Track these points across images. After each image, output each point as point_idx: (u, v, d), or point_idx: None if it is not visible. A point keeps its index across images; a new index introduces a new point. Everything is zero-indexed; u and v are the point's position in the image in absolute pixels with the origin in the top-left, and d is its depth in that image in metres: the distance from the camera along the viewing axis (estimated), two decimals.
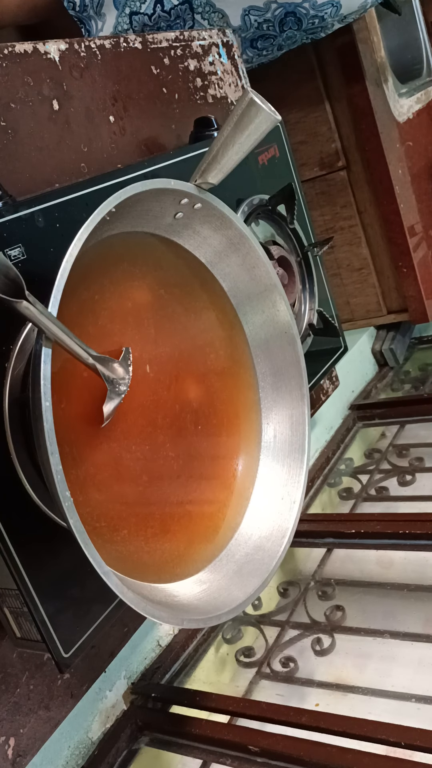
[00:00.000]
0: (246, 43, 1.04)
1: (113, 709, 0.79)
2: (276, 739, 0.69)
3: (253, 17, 0.98)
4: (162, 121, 0.80)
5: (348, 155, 1.36)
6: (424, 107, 1.54)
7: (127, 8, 0.99)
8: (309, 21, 0.98)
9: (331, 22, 1.00)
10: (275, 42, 1.04)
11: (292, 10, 0.97)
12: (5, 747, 0.59)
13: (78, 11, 1.00)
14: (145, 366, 0.57)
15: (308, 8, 0.96)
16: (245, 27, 1.00)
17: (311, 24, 0.99)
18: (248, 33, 1.01)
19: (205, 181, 0.54)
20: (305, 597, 0.92)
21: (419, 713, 0.73)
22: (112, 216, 0.47)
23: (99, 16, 1.01)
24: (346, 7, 0.98)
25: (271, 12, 0.97)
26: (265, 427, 0.67)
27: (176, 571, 0.56)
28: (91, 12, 1.00)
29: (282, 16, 0.98)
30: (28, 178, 0.62)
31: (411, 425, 1.27)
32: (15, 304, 0.41)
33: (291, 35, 1.02)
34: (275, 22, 0.99)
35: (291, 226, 0.89)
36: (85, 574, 0.42)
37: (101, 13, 1.00)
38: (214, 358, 0.64)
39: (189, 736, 0.74)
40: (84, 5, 1.00)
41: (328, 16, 0.98)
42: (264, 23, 0.99)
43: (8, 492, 0.50)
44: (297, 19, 0.98)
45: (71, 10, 1.00)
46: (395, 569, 0.95)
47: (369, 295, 1.46)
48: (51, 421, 0.40)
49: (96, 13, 1.00)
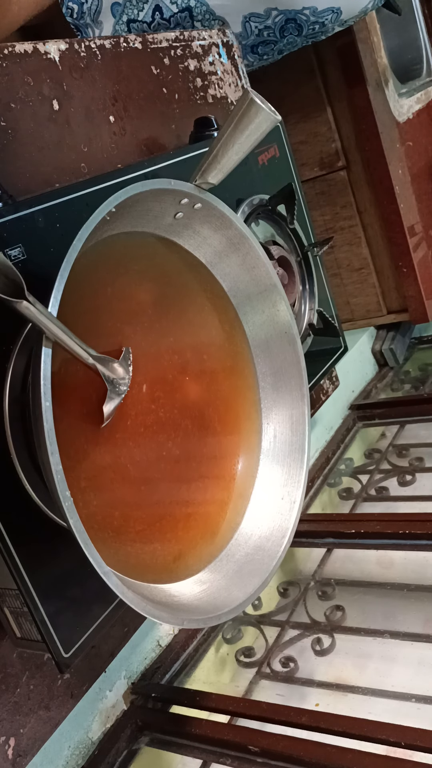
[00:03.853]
0: (247, 49, 1.05)
1: (113, 709, 0.79)
2: (276, 739, 0.69)
3: (254, 24, 0.99)
4: (162, 121, 0.80)
5: (348, 155, 1.36)
6: (424, 107, 1.54)
7: (124, 16, 0.99)
8: (309, 27, 0.98)
9: (332, 27, 1.01)
10: (276, 47, 1.04)
11: (292, 17, 0.97)
12: (5, 747, 0.59)
13: (75, 18, 1.00)
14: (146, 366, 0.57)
15: (309, 15, 0.96)
16: (246, 34, 1.00)
17: (312, 30, 0.99)
18: (249, 39, 1.02)
19: (205, 181, 0.54)
20: (305, 597, 0.92)
21: (419, 713, 0.73)
22: (112, 216, 0.47)
23: (96, 24, 1.01)
24: (346, 13, 0.98)
25: (272, 19, 0.98)
26: (265, 427, 0.67)
27: (176, 571, 0.56)
28: (88, 20, 1.01)
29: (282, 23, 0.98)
30: (28, 178, 0.62)
31: (411, 425, 1.27)
32: (15, 304, 0.41)
33: (292, 40, 1.02)
34: (276, 29, 0.99)
35: (291, 226, 0.89)
36: (85, 574, 0.42)
37: (98, 21, 1.00)
38: (214, 358, 0.64)
39: (189, 736, 0.74)
40: (81, 12, 1.00)
41: (329, 22, 0.98)
42: (265, 30, 0.99)
43: (8, 492, 0.50)
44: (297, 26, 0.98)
45: (69, 17, 1.00)
46: (395, 569, 0.95)
47: (369, 295, 1.46)
48: (51, 421, 0.40)
49: (93, 20, 1.01)
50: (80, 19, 1.00)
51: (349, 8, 0.97)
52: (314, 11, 0.95)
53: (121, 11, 0.99)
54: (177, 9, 0.98)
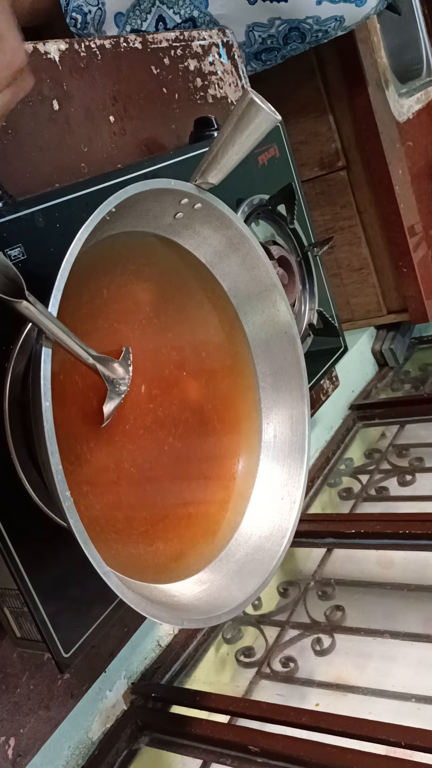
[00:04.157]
0: (250, 56, 1.05)
1: (113, 709, 0.79)
2: (276, 739, 0.69)
3: (257, 33, 0.99)
4: (162, 121, 0.80)
5: (348, 155, 1.36)
6: (424, 107, 1.54)
7: (128, 26, 0.99)
8: (313, 35, 0.99)
9: (334, 33, 1.01)
10: (279, 54, 1.05)
11: (296, 25, 0.97)
12: (5, 747, 0.59)
13: (79, 28, 1.01)
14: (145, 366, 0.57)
15: (312, 24, 0.96)
16: (249, 43, 1.01)
17: (315, 37, 1.00)
18: (252, 48, 1.03)
19: (205, 181, 0.54)
20: (305, 597, 0.92)
21: (419, 713, 0.73)
22: (112, 216, 0.47)
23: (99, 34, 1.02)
24: (349, 20, 0.99)
25: (275, 28, 0.98)
26: (265, 427, 0.67)
27: (176, 571, 0.56)
28: (91, 30, 1.01)
29: (286, 32, 0.98)
30: (28, 178, 0.62)
31: (411, 425, 1.27)
32: (15, 304, 0.41)
33: (295, 47, 1.03)
34: (279, 37, 0.99)
35: (291, 226, 0.89)
36: (85, 574, 0.42)
37: (102, 31, 1.01)
38: (214, 358, 0.64)
39: (189, 736, 0.74)
40: (85, 23, 1.00)
41: (332, 30, 0.99)
42: (268, 38, 1.00)
43: (8, 492, 0.50)
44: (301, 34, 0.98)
45: (73, 27, 1.01)
46: (395, 569, 0.95)
47: (369, 295, 1.46)
48: (51, 421, 0.40)
49: (96, 30, 1.01)
50: (84, 29, 1.01)
51: (351, 16, 0.98)
52: (318, 20, 0.96)
53: (125, 21, 1.00)
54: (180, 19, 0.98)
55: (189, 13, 0.97)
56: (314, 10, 0.95)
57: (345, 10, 0.96)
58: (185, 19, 0.98)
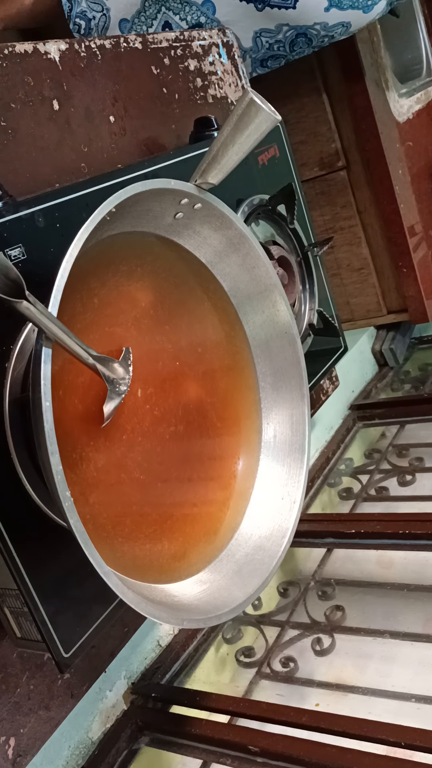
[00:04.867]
0: (256, 62, 1.06)
1: (113, 709, 0.79)
2: (276, 739, 0.69)
3: (265, 39, 0.99)
4: (162, 121, 0.80)
5: (348, 155, 1.36)
6: (424, 107, 1.54)
7: (133, 32, 0.99)
8: (319, 40, 0.99)
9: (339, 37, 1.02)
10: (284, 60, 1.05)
11: (303, 31, 0.98)
12: (5, 747, 0.59)
13: (83, 35, 1.01)
14: (146, 366, 0.57)
15: (319, 30, 0.97)
16: (256, 48, 1.01)
17: (321, 42, 1.00)
18: (259, 54, 1.03)
19: (205, 181, 0.54)
20: (305, 597, 0.92)
21: (419, 713, 0.73)
22: (112, 216, 0.47)
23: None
24: (355, 25, 1.00)
25: (283, 34, 0.98)
26: (265, 427, 0.67)
27: (176, 571, 0.56)
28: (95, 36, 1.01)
29: (293, 38, 0.99)
30: (28, 178, 0.62)
31: (411, 425, 1.27)
32: (15, 304, 0.41)
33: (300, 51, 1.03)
34: (286, 43, 1.00)
35: (291, 226, 0.89)
36: (85, 574, 0.42)
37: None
38: (214, 357, 0.64)
39: (189, 736, 0.74)
40: (89, 29, 1.00)
41: (338, 35, 1.00)
42: (275, 44, 1.00)
43: (8, 492, 0.50)
44: (308, 39, 0.99)
45: (76, 33, 1.01)
46: (395, 569, 0.95)
47: (369, 295, 1.46)
48: (51, 421, 0.40)
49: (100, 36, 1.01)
50: (88, 35, 1.01)
51: (358, 21, 0.99)
52: (325, 26, 0.96)
53: (130, 27, 1.00)
54: (187, 25, 0.98)
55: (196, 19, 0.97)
56: (322, 16, 0.95)
57: (352, 16, 0.97)
58: (192, 25, 0.98)
